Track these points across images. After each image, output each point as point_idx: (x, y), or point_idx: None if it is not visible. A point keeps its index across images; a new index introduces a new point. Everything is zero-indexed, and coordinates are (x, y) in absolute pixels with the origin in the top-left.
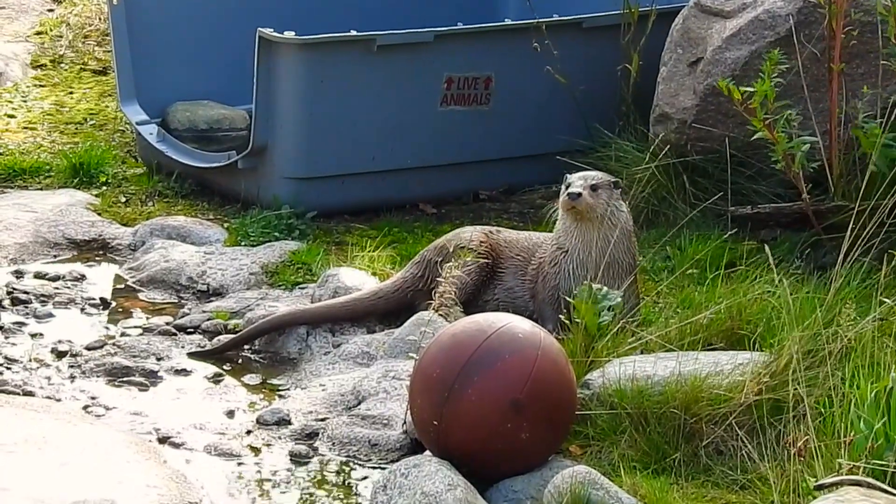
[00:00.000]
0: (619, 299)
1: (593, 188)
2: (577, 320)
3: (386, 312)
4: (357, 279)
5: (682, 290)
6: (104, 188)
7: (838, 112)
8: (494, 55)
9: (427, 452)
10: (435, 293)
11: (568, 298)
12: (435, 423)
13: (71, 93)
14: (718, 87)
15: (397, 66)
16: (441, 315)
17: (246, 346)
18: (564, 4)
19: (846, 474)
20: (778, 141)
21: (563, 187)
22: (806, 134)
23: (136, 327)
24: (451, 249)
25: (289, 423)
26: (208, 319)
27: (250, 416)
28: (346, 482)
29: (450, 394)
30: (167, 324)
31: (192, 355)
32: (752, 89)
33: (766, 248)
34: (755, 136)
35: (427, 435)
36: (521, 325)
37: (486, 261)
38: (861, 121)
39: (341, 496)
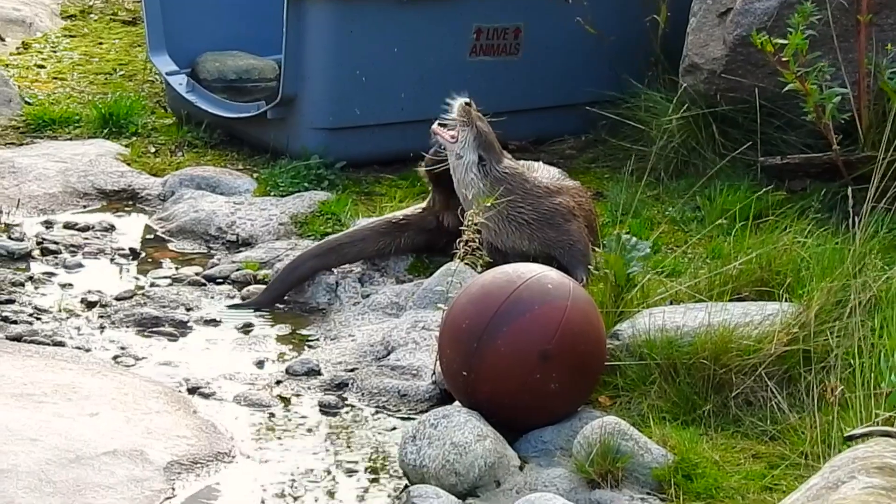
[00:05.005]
0: (649, 250)
1: None
2: (606, 271)
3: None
4: None
5: (711, 241)
6: (134, 138)
7: (867, 63)
8: (523, 5)
9: (456, 403)
10: (459, 242)
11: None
12: (464, 373)
13: (100, 43)
14: (751, 39)
15: (427, 16)
16: (468, 264)
17: None
18: None
19: (875, 425)
20: (810, 92)
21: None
22: (836, 85)
23: (165, 277)
24: None
25: (318, 373)
26: (238, 270)
27: (280, 366)
28: (376, 433)
29: (479, 344)
30: (196, 274)
31: (234, 307)
32: (784, 41)
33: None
34: (787, 89)
35: (456, 385)
36: (550, 275)
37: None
38: (887, 74)
39: (370, 446)
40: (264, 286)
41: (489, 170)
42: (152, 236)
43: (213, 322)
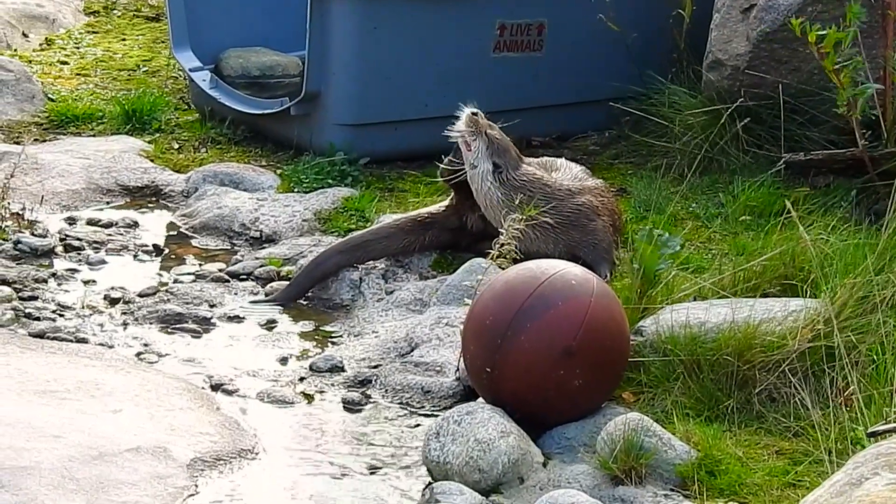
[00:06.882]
0: (679, 246)
1: None
2: (635, 265)
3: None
4: None
5: (735, 237)
6: (157, 135)
7: (893, 59)
8: (547, 1)
9: (480, 399)
10: (495, 242)
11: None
12: (488, 369)
13: (124, 39)
14: (777, 33)
15: (450, 12)
16: (498, 266)
17: None
18: None
19: None
20: (844, 87)
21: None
22: (860, 80)
23: (188, 274)
24: None
25: (342, 370)
26: (261, 266)
27: (303, 363)
28: (399, 429)
29: (503, 341)
30: (220, 270)
31: (257, 303)
32: (822, 32)
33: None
34: (810, 81)
35: (480, 382)
36: (574, 271)
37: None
38: None
39: (394, 443)
40: (287, 283)
41: (506, 177)
42: (175, 233)
43: (237, 319)
